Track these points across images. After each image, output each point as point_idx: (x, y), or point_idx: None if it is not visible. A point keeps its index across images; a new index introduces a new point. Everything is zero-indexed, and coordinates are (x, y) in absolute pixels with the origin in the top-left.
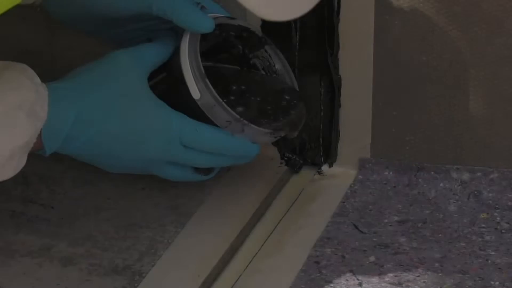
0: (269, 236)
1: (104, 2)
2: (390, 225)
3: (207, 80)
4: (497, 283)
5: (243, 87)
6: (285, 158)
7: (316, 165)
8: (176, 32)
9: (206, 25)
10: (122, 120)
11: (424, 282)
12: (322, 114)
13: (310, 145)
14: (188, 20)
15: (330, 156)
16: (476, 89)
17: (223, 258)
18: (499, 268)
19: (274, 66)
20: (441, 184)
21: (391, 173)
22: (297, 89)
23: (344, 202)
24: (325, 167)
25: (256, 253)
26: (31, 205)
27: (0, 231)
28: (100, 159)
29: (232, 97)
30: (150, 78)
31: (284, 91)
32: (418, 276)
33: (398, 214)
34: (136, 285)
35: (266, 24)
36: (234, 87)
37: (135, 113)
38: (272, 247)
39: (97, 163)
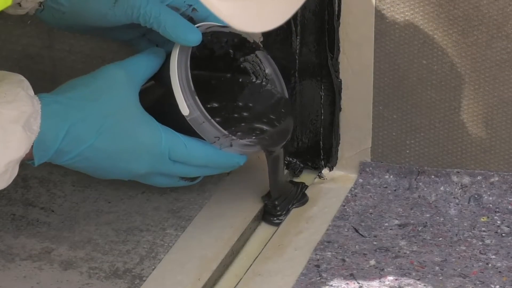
0: (269, 240)
1: (94, 15)
2: (391, 229)
3: (196, 98)
4: (497, 286)
5: (232, 99)
6: (286, 162)
7: (317, 168)
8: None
9: (193, 38)
10: (112, 137)
11: (424, 285)
12: (322, 117)
13: (310, 148)
14: (175, 32)
15: (330, 160)
16: (476, 92)
17: (223, 261)
18: (499, 272)
19: (265, 70)
20: (442, 188)
21: (391, 176)
22: (287, 95)
23: (344, 206)
24: (325, 171)
25: (257, 257)
26: (31, 209)
27: (0, 234)
28: (89, 170)
29: (217, 110)
30: None
31: (273, 102)
32: (419, 279)
33: (399, 217)
34: None
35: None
36: (223, 99)
37: (126, 131)
38: (272, 250)
39: (87, 173)
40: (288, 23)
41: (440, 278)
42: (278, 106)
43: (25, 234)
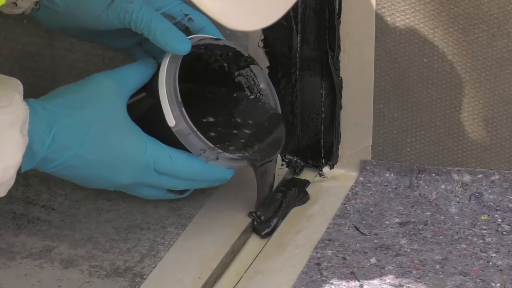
0: (269, 238)
1: (88, 17)
2: (391, 227)
3: (183, 109)
4: (498, 284)
5: (225, 114)
6: (286, 160)
7: (317, 167)
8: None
9: (182, 47)
10: (97, 146)
11: (425, 284)
12: (323, 116)
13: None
14: (164, 40)
15: (331, 158)
16: (477, 91)
17: (224, 260)
18: (500, 270)
19: (259, 85)
20: (442, 186)
21: (392, 175)
22: (280, 111)
23: (345, 204)
24: (326, 169)
25: (257, 255)
26: (32, 207)
27: (1, 232)
28: (75, 179)
29: (207, 122)
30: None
31: (266, 117)
32: (419, 278)
33: (399, 215)
34: (137, 287)
35: (267, 27)
36: (212, 113)
37: (110, 140)
38: (273, 249)
39: (73, 181)
40: (288, 21)
41: (441, 276)
42: (270, 122)
43: (26, 232)
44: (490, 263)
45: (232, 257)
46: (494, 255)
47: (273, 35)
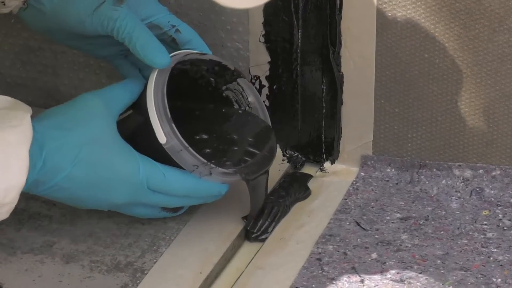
0: (270, 234)
1: (73, 20)
2: (392, 222)
3: (173, 125)
4: (499, 280)
5: (211, 129)
6: (287, 155)
7: (318, 162)
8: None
9: (160, 60)
10: (88, 167)
11: (426, 279)
12: (324, 111)
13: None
14: (143, 51)
15: (332, 153)
16: (478, 86)
17: (225, 255)
18: (501, 265)
19: (247, 99)
20: (443, 181)
21: (393, 170)
22: (270, 123)
23: (346, 199)
24: (327, 164)
25: (258, 251)
26: (33, 202)
27: (2, 227)
28: (67, 201)
29: (200, 139)
30: None
31: (256, 131)
32: (420, 273)
33: (400, 211)
34: (138, 282)
35: (268, 22)
36: (203, 130)
37: (102, 160)
38: (274, 244)
39: (65, 203)
40: (289, 17)
41: (442, 271)
42: (260, 135)
43: (27, 227)
44: (491, 258)
45: (233, 252)
46: (495, 250)
47: (274, 30)
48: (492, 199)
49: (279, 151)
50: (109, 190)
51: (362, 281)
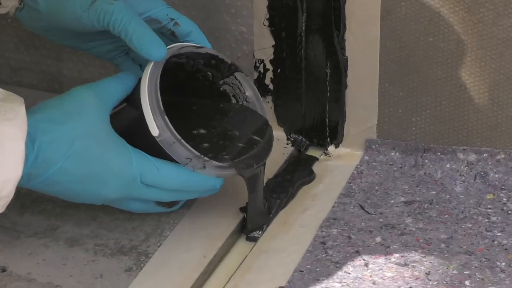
0: (274, 218)
1: (69, 17)
2: (396, 206)
3: (166, 118)
4: (503, 264)
5: (209, 124)
6: (291, 139)
7: (322, 146)
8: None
9: (156, 53)
10: (80, 160)
11: (430, 262)
12: (328, 95)
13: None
14: (139, 44)
15: (336, 137)
16: (482, 70)
17: (229, 239)
18: (505, 249)
19: (245, 93)
20: (448, 165)
21: (397, 154)
22: (267, 117)
23: (350, 183)
24: (331, 148)
25: (262, 234)
26: None
27: (5, 211)
28: (60, 195)
29: (198, 134)
30: None
31: (253, 125)
32: (424, 256)
33: (404, 195)
34: (142, 265)
35: (272, 5)
36: (200, 124)
37: (94, 154)
38: (278, 228)
39: (58, 197)
40: (294, 0)
41: (446, 255)
42: (257, 129)
43: (30, 211)
44: (495, 242)
45: (237, 236)
46: (499, 234)
47: (279, 14)
48: (497, 183)
49: (283, 135)
50: (101, 184)
51: (366, 264)
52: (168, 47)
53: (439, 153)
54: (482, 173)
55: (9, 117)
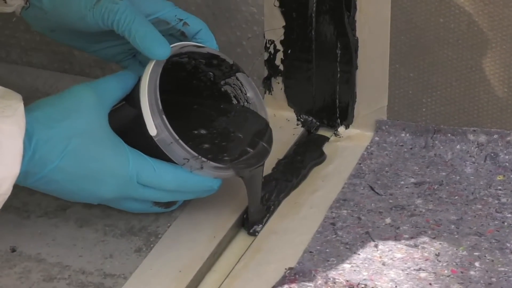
0: (285, 198)
1: (74, 16)
2: (406, 187)
3: (164, 117)
4: None
5: (210, 124)
6: (302, 120)
7: (333, 126)
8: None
9: (160, 52)
10: (77, 159)
11: (440, 244)
12: (338, 75)
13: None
14: (142, 43)
15: (346, 118)
16: (493, 51)
17: (239, 219)
18: None
19: (246, 94)
20: (458, 146)
21: (407, 135)
22: (267, 119)
23: (360, 164)
24: (341, 129)
25: (272, 215)
26: None
27: (15, 191)
28: (57, 193)
29: (198, 134)
30: None
31: (252, 125)
32: (434, 238)
33: (415, 176)
34: (152, 245)
35: None
36: (201, 125)
37: (91, 153)
38: (288, 208)
39: (55, 195)
40: None
41: (456, 236)
42: (257, 130)
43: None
44: (505, 223)
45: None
46: (510, 215)
47: None
48: (507, 164)
49: (293, 116)
50: (97, 183)
51: (376, 245)
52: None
53: (449, 134)
54: (492, 154)
55: (8, 114)
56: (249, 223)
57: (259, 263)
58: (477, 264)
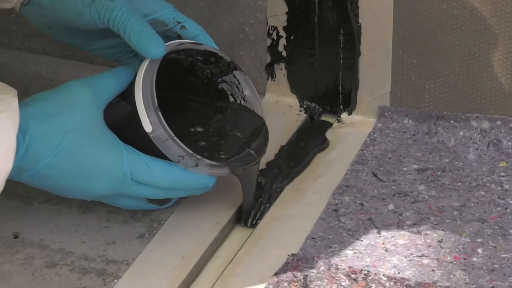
0: (288, 185)
1: (71, 13)
2: (409, 173)
3: (159, 114)
4: None
5: (207, 122)
6: (304, 106)
7: (335, 113)
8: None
9: (155, 50)
10: (71, 156)
11: (442, 230)
12: (341, 62)
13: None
14: (137, 41)
15: (349, 104)
16: (496, 38)
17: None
18: None
19: (243, 92)
20: (461, 133)
21: (410, 121)
22: (264, 118)
23: (363, 150)
24: (344, 115)
25: (275, 201)
26: None
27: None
28: (50, 189)
29: (195, 132)
30: None
31: (248, 124)
32: (437, 224)
33: (417, 162)
34: (154, 232)
35: None
36: (198, 122)
37: (85, 149)
38: (290, 195)
39: (49, 191)
40: None
41: (459, 223)
42: (253, 129)
43: None
44: (508, 210)
45: None
46: None
47: None
48: (510, 150)
49: (296, 102)
50: (91, 180)
51: (378, 232)
52: (166, 43)
53: (452, 121)
54: (495, 141)
55: (2, 109)
56: (243, 218)
57: (262, 249)
58: (479, 250)
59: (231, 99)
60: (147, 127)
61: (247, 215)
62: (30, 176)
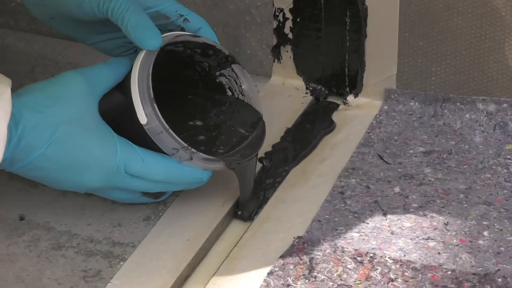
0: (294, 167)
1: (71, 2)
2: (415, 156)
3: (155, 105)
4: None
5: (205, 116)
6: (311, 88)
7: (342, 95)
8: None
9: (151, 42)
10: (64, 147)
11: (448, 213)
12: (348, 44)
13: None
14: (134, 32)
15: (355, 87)
16: (503, 20)
17: None
18: None
19: (241, 86)
20: (467, 115)
21: (416, 103)
22: (261, 112)
23: (369, 133)
24: (350, 98)
25: (281, 184)
26: None
27: None
28: (43, 180)
29: (193, 126)
30: None
31: (245, 118)
32: (443, 207)
33: (423, 145)
34: (160, 214)
35: None
36: (196, 116)
37: (78, 142)
38: (296, 177)
39: (41, 182)
40: None
41: (465, 205)
42: (250, 123)
43: None
44: None
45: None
46: None
47: None
48: None
49: (302, 84)
50: (83, 172)
51: (384, 214)
52: (164, 35)
53: (458, 103)
54: (501, 124)
55: None
56: (241, 212)
57: (268, 231)
58: (485, 233)
59: (229, 93)
60: (142, 119)
61: (243, 209)
62: (22, 167)
